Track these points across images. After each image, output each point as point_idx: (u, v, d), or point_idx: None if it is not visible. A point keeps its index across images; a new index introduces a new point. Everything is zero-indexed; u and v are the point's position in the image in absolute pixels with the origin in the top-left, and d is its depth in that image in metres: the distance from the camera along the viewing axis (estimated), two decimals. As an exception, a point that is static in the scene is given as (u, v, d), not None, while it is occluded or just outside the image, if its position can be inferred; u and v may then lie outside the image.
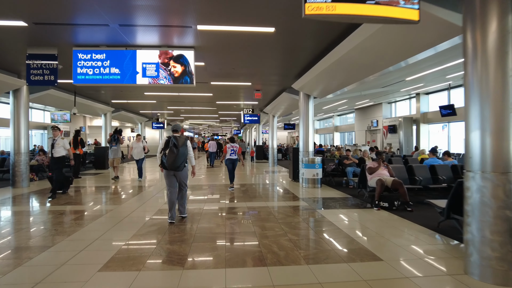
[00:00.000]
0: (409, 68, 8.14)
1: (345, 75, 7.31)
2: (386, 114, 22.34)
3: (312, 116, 10.21)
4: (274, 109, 15.31)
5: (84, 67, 6.26)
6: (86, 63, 6.27)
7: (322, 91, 9.26)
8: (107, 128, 16.70)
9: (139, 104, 16.16)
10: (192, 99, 14.30)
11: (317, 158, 9.33)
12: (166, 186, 5.36)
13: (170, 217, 5.26)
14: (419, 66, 8.12)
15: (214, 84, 10.44)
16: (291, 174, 10.85)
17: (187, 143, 5.24)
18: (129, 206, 6.69)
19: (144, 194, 8.22)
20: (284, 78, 9.89)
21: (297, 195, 8.08)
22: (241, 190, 8.83)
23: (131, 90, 12.08)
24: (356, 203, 7.14)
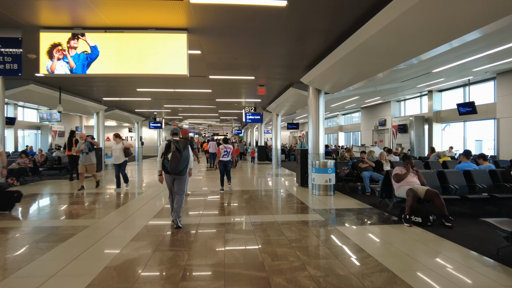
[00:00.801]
0: (446, 55, 6.92)
1: (368, 65, 6.20)
2: (394, 113, 21.27)
3: (323, 114, 9.10)
4: (279, 107, 14.20)
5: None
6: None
7: (335, 85, 8.15)
8: (99, 128, 15.61)
9: (133, 102, 15.07)
10: (189, 96, 13.20)
11: (330, 161, 8.22)
12: (168, 190, 5.39)
13: (173, 214, 5.26)
14: (460, 51, 6.88)
15: (213, 78, 9.34)
16: (299, 179, 9.75)
17: (188, 147, 5.16)
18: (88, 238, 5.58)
19: (117, 215, 7.11)
20: (292, 71, 8.78)
21: (308, 205, 6.98)
22: (244, 198, 7.74)
23: (122, 86, 10.99)
24: (380, 216, 6.04)
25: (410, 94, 18.55)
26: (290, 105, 12.86)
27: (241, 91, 11.99)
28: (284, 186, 9.83)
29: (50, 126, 24.60)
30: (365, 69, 6.47)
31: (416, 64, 6.81)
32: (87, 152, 8.80)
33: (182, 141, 5.07)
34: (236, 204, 7.04)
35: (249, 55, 7.16)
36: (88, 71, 5.21)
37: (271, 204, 7.07)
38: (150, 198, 7.77)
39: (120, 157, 8.78)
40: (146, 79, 9.73)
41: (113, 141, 9.10)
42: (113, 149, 8.95)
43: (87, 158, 8.87)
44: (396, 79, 9.46)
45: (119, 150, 8.77)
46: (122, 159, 8.80)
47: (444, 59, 7.57)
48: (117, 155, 8.79)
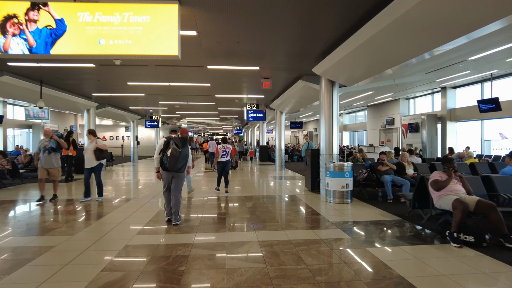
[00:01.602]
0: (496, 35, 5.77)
1: (401, 48, 5.09)
2: (403, 111, 20.21)
3: (337, 109, 8.00)
4: (283, 104, 13.08)
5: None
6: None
7: (353, 75, 7.04)
8: (90, 125, 14.49)
9: (126, 98, 13.95)
10: (186, 91, 12.08)
11: (347, 164, 7.12)
12: (163, 187, 5.29)
13: (167, 213, 5.37)
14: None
15: (212, 69, 8.23)
16: (308, 184, 8.64)
17: (187, 144, 5.21)
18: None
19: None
20: (302, 60, 7.66)
21: (324, 216, 5.87)
22: (247, 207, 6.63)
23: (111, 80, 9.88)
24: (415, 231, 4.94)
25: (421, 91, 17.49)
26: (296, 101, 11.74)
27: (243, 86, 10.88)
28: (291, 191, 8.72)
29: (42, 125, 23.54)
30: (395, 54, 5.35)
31: (454, 49, 5.68)
32: (50, 152, 6.99)
33: (181, 138, 5.12)
34: (239, 216, 5.93)
35: (253, 39, 6.04)
36: (52, 50, 4.09)
37: (280, 215, 5.95)
38: (131, 212, 6.66)
39: (91, 160, 7.15)
40: (135, 71, 8.63)
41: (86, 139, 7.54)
42: (84, 149, 7.40)
43: (48, 160, 6.99)
44: (420, 71, 8.35)
45: (90, 151, 7.12)
46: (94, 162, 7.18)
47: (492, 41, 6.36)
48: (88, 156, 7.17)
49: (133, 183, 10.54)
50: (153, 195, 7.97)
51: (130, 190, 8.92)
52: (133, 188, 9.32)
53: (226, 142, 8.22)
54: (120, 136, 31.19)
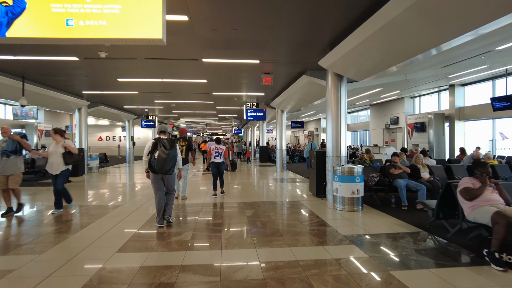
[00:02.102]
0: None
1: (424, 34, 4.37)
2: (408, 110, 19.52)
3: (345, 107, 7.28)
4: (285, 102, 12.34)
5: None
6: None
7: (364, 68, 6.32)
8: (82, 127, 13.77)
9: (118, 96, 13.21)
10: (181, 88, 11.35)
11: (357, 167, 6.40)
12: (154, 191, 5.14)
13: (159, 221, 5.11)
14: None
15: (207, 62, 7.50)
16: (313, 188, 7.92)
17: (176, 145, 5.11)
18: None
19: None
20: (307, 52, 6.94)
21: (335, 227, 5.15)
22: (247, 216, 5.90)
23: (99, 75, 9.15)
24: (442, 246, 4.22)
25: (427, 89, 16.80)
26: (299, 98, 11.01)
27: (242, 82, 10.15)
28: (295, 197, 8.00)
29: (36, 125, 22.84)
30: (418, 41, 4.62)
31: (480, 38, 4.95)
32: (8, 155, 5.82)
33: (170, 139, 4.99)
34: (237, 227, 5.20)
35: (253, 25, 5.31)
36: (9, 33, 3.37)
37: (285, 226, 5.22)
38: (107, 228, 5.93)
39: (59, 165, 5.91)
40: (124, 65, 7.90)
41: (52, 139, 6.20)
42: (49, 152, 6.09)
43: (7, 164, 5.82)
44: (436, 64, 7.64)
45: (57, 154, 5.91)
46: (61, 167, 5.94)
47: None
48: (52, 161, 5.93)
49: (123, 187, 9.81)
50: (143, 201, 7.25)
51: (119, 196, 8.18)
52: (122, 193, 8.59)
53: (219, 143, 7.88)
54: (116, 136, 30.48)
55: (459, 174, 7.69)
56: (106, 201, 7.41)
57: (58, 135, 6.09)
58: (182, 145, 7.22)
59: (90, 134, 29.68)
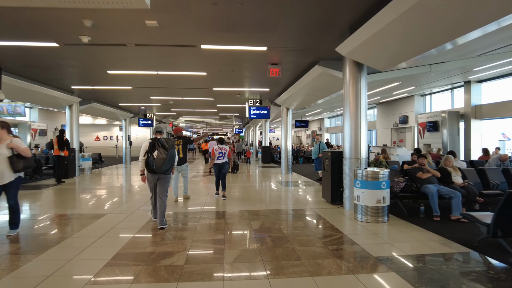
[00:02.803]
0: None
1: (475, 8, 3.42)
2: (418, 108, 18.57)
3: (366, 101, 6.33)
4: (291, 98, 11.36)
5: None
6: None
7: (392, 54, 5.34)
8: (73, 126, 12.84)
9: (112, 92, 12.24)
10: (179, 83, 10.39)
11: (383, 171, 5.44)
12: (150, 191, 5.13)
13: (155, 214, 5.23)
14: None
15: (207, 49, 6.53)
16: (328, 194, 6.96)
17: (175, 146, 5.11)
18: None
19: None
20: (323, 36, 5.97)
21: (361, 245, 4.19)
22: (253, 229, 4.94)
23: (86, 67, 8.20)
24: (507, 275, 3.26)
25: (439, 86, 15.83)
26: (309, 93, 10.00)
27: (245, 75, 9.18)
28: (307, 204, 7.04)
29: (29, 124, 21.93)
30: (464, 17, 3.66)
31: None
32: None
33: (169, 139, 4.95)
34: (242, 245, 4.25)
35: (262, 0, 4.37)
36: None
37: (301, 245, 4.26)
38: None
39: (2, 172, 4.39)
40: (113, 54, 6.95)
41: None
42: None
43: None
44: (474, 50, 6.64)
45: (2, 158, 4.37)
46: (9, 175, 4.44)
47: None
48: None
49: (113, 192, 8.87)
50: (133, 208, 6.30)
51: (106, 202, 7.23)
52: (110, 199, 7.64)
53: (222, 142, 7.49)
54: (114, 136, 29.58)
55: (495, 178, 6.74)
56: (90, 209, 6.46)
57: (5, 131, 4.53)
58: (178, 144, 6.82)
59: (87, 133, 29.01)
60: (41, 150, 17.33)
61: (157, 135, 5.09)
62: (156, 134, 5.13)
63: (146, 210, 6.20)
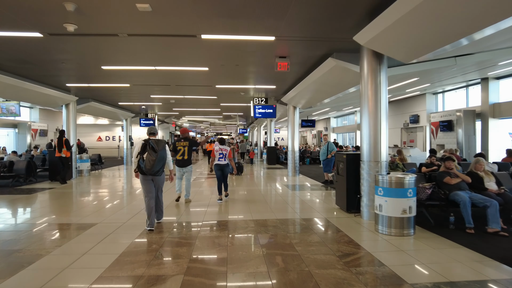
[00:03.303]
0: None
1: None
2: (430, 107, 17.79)
3: (386, 97, 5.64)
4: (299, 96, 10.65)
5: None
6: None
7: (420, 42, 4.63)
8: (70, 126, 12.25)
9: (109, 90, 11.63)
10: (179, 80, 9.74)
11: (409, 177, 4.74)
12: (143, 193, 5.01)
13: (149, 224, 4.90)
14: None
15: (208, 39, 5.86)
16: (342, 200, 6.26)
17: (166, 147, 5.01)
18: None
19: None
20: (338, 23, 5.28)
21: (391, 267, 3.49)
22: (261, 244, 4.26)
23: (78, 62, 7.58)
24: None
25: (453, 84, 15.02)
26: (318, 90, 9.28)
27: (251, 70, 8.50)
28: (319, 211, 6.35)
29: (29, 124, 21.51)
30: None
31: None
32: None
33: (159, 141, 4.95)
34: (249, 268, 3.57)
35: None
36: None
37: (320, 267, 3.56)
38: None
39: None
40: (105, 46, 6.32)
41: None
42: None
43: None
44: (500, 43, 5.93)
45: None
46: None
47: None
48: None
49: (108, 196, 8.25)
50: (128, 216, 5.65)
51: (98, 209, 6.60)
52: (103, 205, 7.01)
53: (223, 143, 7.22)
54: (116, 136, 29.10)
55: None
56: (79, 217, 5.83)
57: None
58: (184, 145, 6.70)
59: (89, 134, 28.56)
60: (41, 151, 16.79)
61: (150, 136, 5.07)
62: (149, 135, 5.09)
63: (139, 220, 5.56)
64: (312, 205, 6.95)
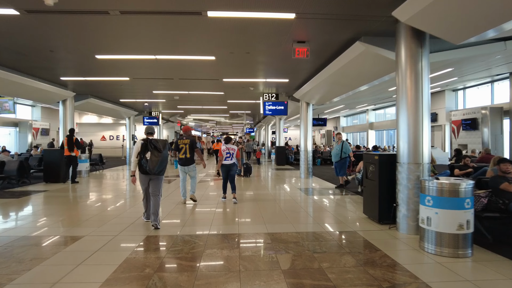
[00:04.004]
0: None
1: None
2: (450, 105, 16.70)
3: (428, 87, 4.69)
4: (315, 90, 9.62)
5: None
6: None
7: (479, 17, 3.69)
8: (67, 123, 11.47)
9: (108, 85, 10.76)
10: (183, 71, 8.82)
11: (466, 183, 3.78)
12: (142, 192, 5.14)
13: (147, 216, 5.15)
14: None
15: (215, 18, 4.94)
16: (373, 209, 5.31)
17: (167, 146, 5.00)
18: None
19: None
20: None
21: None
22: (285, 272, 3.33)
23: (68, 49, 6.75)
24: None
25: (476, 79, 13.96)
26: (337, 82, 8.23)
27: (263, 61, 7.59)
28: (345, 222, 5.40)
29: (30, 123, 20.91)
30: None
31: None
32: None
33: (160, 140, 4.93)
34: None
35: None
36: None
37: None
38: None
39: None
40: (95, 28, 5.45)
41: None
42: None
43: None
44: None
45: None
46: None
47: None
48: None
49: (103, 203, 7.40)
50: (120, 228, 4.78)
51: (87, 218, 5.74)
52: (94, 213, 6.15)
53: (229, 142, 6.94)
54: (120, 135, 28.41)
55: None
56: (66, 227, 4.98)
57: None
58: (185, 143, 6.43)
59: (92, 133, 27.92)
60: (41, 150, 16.08)
61: (149, 136, 5.00)
62: (147, 135, 5.03)
63: (133, 232, 4.69)
64: (335, 214, 6.01)
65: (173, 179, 11.07)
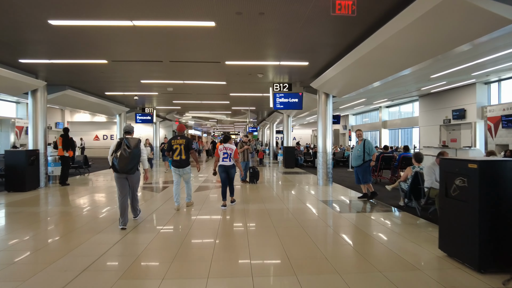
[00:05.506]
0: None
1: None
2: (481, 100, 14.73)
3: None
4: (342, 75, 7.43)
5: None
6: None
7: None
8: (37, 118, 9.54)
9: (83, 70, 8.69)
10: (173, 50, 6.79)
11: None
12: (117, 191, 4.91)
13: (122, 222, 4.82)
14: None
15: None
16: (464, 247, 3.34)
17: (139, 145, 4.91)
18: None
19: None
20: None
21: None
22: None
23: (5, 8, 4.79)
24: None
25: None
26: (381, 60, 5.99)
27: (278, 29, 5.61)
28: (412, 262, 3.43)
29: (13, 121, 19.04)
30: None
31: None
32: None
33: (133, 139, 4.84)
34: None
35: None
36: None
37: None
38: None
39: None
40: None
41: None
42: None
43: None
44: None
45: None
46: None
47: None
48: None
49: (72, 222, 5.46)
50: (87, 262, 2.84)
51: (44, 246, 3.78)
52: (60, 238, 4.19)
53: (227, 141, 6.45)
54: (114, 135, 26.55)
55: None
56: (10, 257, 3.04)
57: None
58: (179, 143, 6.00)
59: (85, 132, 26.03)
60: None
61: (126, 135, 4.92)
62: (125, 134, 4.95)
63: (103, 266, 2.76)
64: (390, 246, 4.03)
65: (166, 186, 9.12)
